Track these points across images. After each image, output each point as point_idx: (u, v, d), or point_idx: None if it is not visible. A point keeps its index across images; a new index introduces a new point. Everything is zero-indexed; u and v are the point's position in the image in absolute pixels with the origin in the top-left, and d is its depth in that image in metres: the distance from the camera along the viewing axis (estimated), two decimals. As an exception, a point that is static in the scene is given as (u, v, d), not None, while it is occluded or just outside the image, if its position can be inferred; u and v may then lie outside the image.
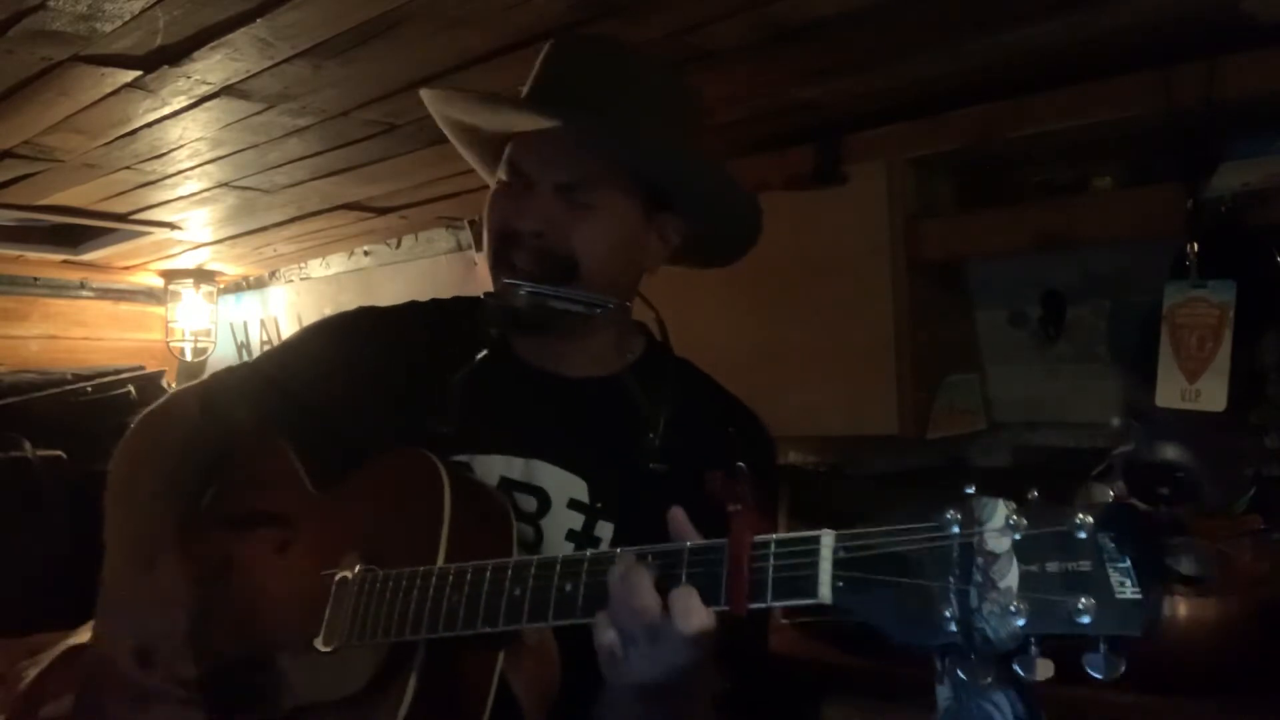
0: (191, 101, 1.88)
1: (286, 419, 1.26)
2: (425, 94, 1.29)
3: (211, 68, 1.71)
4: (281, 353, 1.38)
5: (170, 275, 3.84)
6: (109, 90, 1.80)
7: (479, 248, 3.06)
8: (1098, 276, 2.04)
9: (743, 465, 0.88)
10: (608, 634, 0.88)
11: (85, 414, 3.25)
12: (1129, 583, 0.70)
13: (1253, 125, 1.67)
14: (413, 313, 1.35)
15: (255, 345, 3.91)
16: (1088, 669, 0.70)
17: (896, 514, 0.78)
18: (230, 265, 3.77)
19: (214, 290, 3.93)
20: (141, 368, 3.63)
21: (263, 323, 3.92)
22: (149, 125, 2.02)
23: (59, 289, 3.83)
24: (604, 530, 1.16)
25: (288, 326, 3.76)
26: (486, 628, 0.94)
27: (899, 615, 0.76)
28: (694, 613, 0.85)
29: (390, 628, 1.00)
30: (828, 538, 0.81)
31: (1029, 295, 2.13)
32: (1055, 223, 1.90)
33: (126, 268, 3.76)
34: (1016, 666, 0.72)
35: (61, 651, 2.09)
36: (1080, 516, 0.71)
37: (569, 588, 0.91)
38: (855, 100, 1.95)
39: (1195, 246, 1.68)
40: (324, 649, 1.03)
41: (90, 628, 1.28)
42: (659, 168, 1.19)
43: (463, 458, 1.17)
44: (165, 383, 3.60)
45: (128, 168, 2.33)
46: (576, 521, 1.17)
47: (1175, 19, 1.56)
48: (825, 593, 0.80)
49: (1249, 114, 1.67)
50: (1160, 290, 1.72)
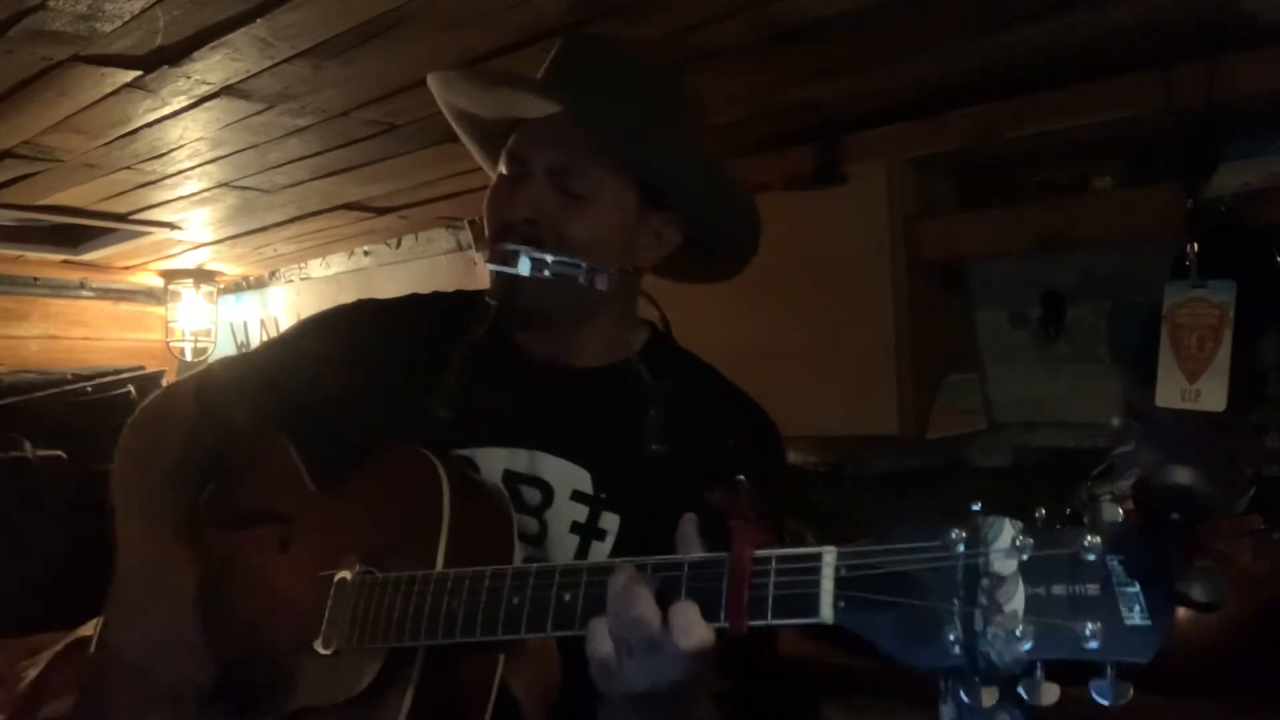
0: (191, 101, 1.88)
1: (285, 415, 1.26)
2: (432, 79, 1.28)
3: (211, 68, 1.71)
4: (280, 348, 1.37)
5: (170, 275, 3.84)
6: (109, 90, 1.80)
7: (479, 248, 3.06)
8: (1098, 276, 2.04)
9: (744, 479, 0.87)
10: (603, 645, 0.87)
11: (85, 414, 3.25)
12: (1138, 608, 0.68)
13: (1253, 125, 1.67)
14: (413, 305, 1.34)
15: (255, 346, 3.90)
16: (1094, 695, 0.68)
17: (900, 529, 0.77)
18: (230, 265, 3.76)
19: (214, 290, 3.93)
20: (141, 368, 3.63)
21: (263, 323, 3.92)
22: (149, 125, 2.02)
23: (59, 289, 3.83)
24: (609, 521, 1.16)
25: (287, 327, 3.75)
26: (485, 636, 0.94)
27: (902, 637, 0.74)
28: (694, 628, 0.83)
29: (389, 632, 0.99)
30: (829, 555, 0.79)
31: (1029, 295, 2.13)
32: (1055, 223, 1.90)
33: (126, 268, 3.76)
34: (1021, 690, 0.70)
35: (61, 650, 2.09)
36: (1089, 539, 0.69)
37: (568, 598, 0.90)
38: (855, 100, 1.95)
39: (1195, 246, 1.68)
40: (324, 651, 1.03)
41: (91, 625, 1.28)
42: (656, 161, 1.19)
43: (466, 451, 1.16)
44: (165, 383, 3.59)
45: (128, 168, 2.33)
46: (580, 513, 1.16)
47: (1175, 19, 1.56)
48: (827, 613, 0.78)
49: (1249, 114, 1.67)
50: (1160, 290, 1.72)
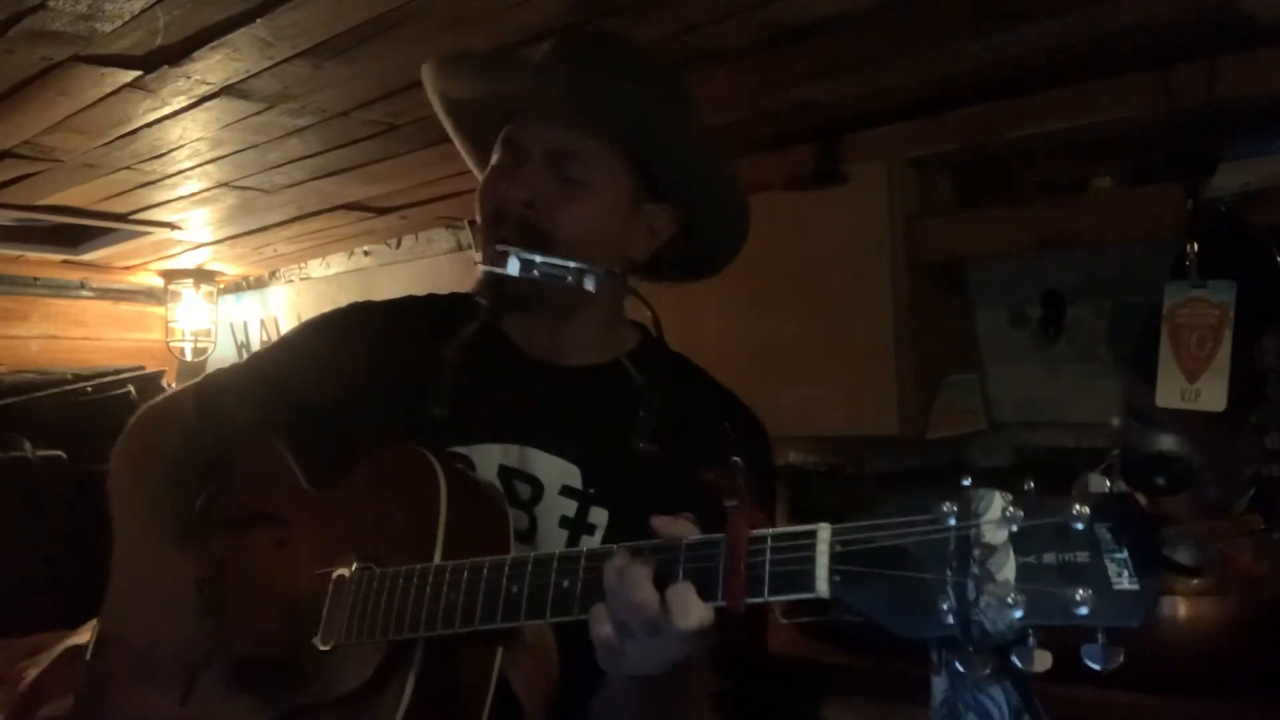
0: (191, 101, 1.88)
1: (283, 417, 1.26)
2: (426, 68, 1.28)
3: (211, 68, 1.71)
4: (277, 350, 1.38)
5: (170, 275, 3.84)
6: (109, 90, 1.80)
7: (479, 248, 3.05)
8: (1098, 276, 2.04)
9: (739, 459, 0.88)
10: (604, 627, 0.88)
11: (85, 414, 3.24)
12: (1127, 573, 0.70)
13: (1253, 125, 1.67)
14: (409, 307, 1.35)
15: (255, 345, 3.90)
16: (1086, 660, 0.70)
17: (893, 506, 0.78)
18: (230, 265, 3.77)
19: (214, 290, 3.93)
20: (141, 368, 3.62)
21: (263, 323, 3.92)
22: (149, 125, 2.02)
23: (59, 289, 3.82)
24: (599, 516, 1.16)
25: (288, 327, 3.73)
26: (484, 625, 0.94)
27: (896, 608, 0.75)
28: (692, 608, 0.84)
29: (388, 626, 1.00)
30: (824, 531, 0.81)
31: (1029, 295, 2.13)
32: (1055, 223, 1.90)
33: (126, 268, 3.76)
34: (1014, 658, 0.72)
35: (61, 651, 2.09)
36: (1077, 507, 0.71)
37: (566, 584, 0.91)
38: (855, 100, 1.95)
39: (1195, 246, 1.68)
40: (322, 648, 1.03)
41: (90, 627, 1.28)
42: (655, 142, 1.19)
43: (461, 449, 1.17)
44: (165, 383, 3.59)
45: (128, 168, 2.33)
46: (569, 508, 1.17)
47: (1175, 19, 1.56)
48: (822, 587, 0.79)
49: (1249, 114, 1.67)
50: (1160, 290, 1.72)
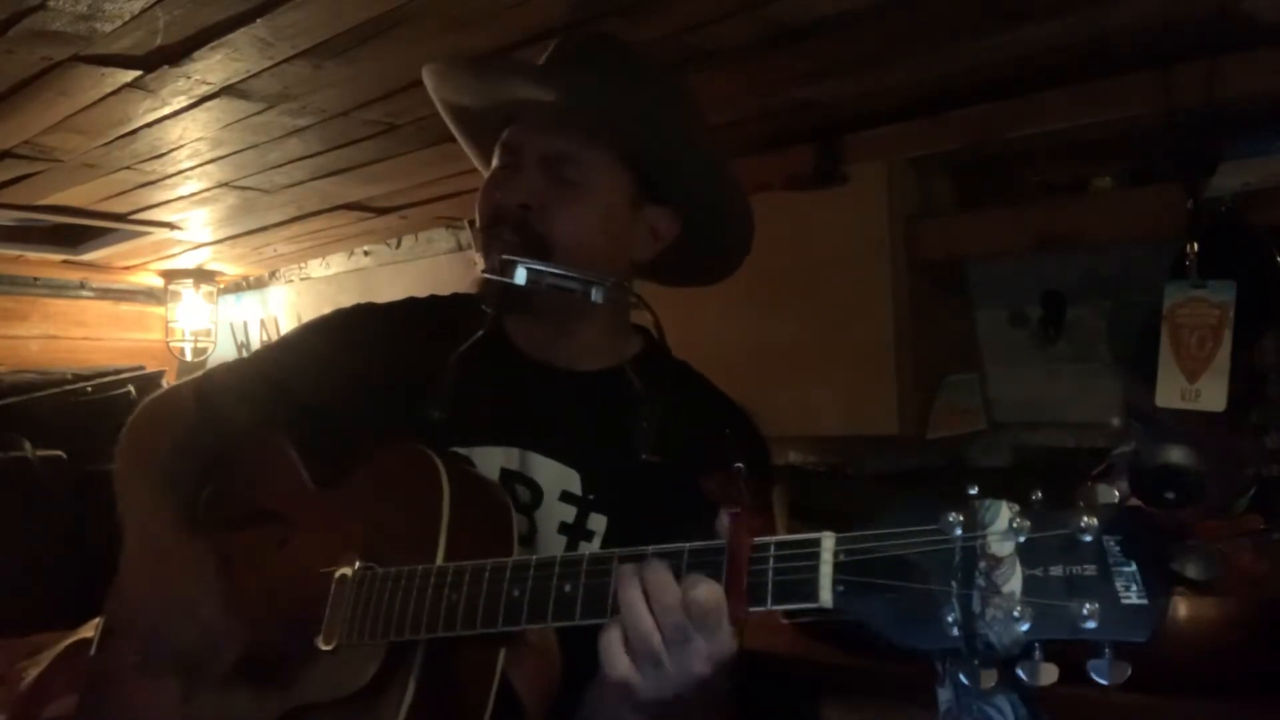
0: (191, 101, 1.87)
1: (285, 416, 1.26)
2: (427, 72, 1.28)
3: (211, 68, 1.71)
4: (280, 350, 1.38)
5: (170, 275, 3.84)
6: (109, 90, 1.80)
7: (479, 249, 3.05)
8: (1098, 276, 2.04)
9: (741, 466, 0.87)
10: (619, 653, 0.86)
11: (85, 414, 3.25)
12: (1135, 587, 0.69)
13: (1253, 125, 1.67)
14: (411, 309, 1.35)
15: (255, 345, 3.90)
16: (1092, 675, 0.69)
17: (897, 514, 0.77)
18: (230, 265, 3.76)
19: (214, 290, 3.93)
20: (141, 368, 3.63)
21: (263, 323, 3.92)
22: (149, 125, 2.01)
23: (59, 289, 3.82)
24: (597, 523, 1.16)
25: (287, 326, 3.75)
26: (485, 628, 0.94)
27: (901, 620, 0.74)
28: (714, 599, 0.83)
29: (390, 626, 1.00)
30: (828, 540, 0.80)
31: (1029, 295, 2.13)
32: (1055, 223, 1.90)
33: (126, 268, 3.76)
34: (1020, 672, 0.71)
35: (62, 651, 2.10)
36: (1085, 520, 0.70)
37: (568, 588, 0.91)
38: (855, 100, 1.95)
39: (1195, 246, 1.68)
40: (324, 647, 1.03)
41: (92, 626, 1.28)
42: (653, 146, 1.19)
43: (462, 450, 1.17)
44: (165, 383, 3.59)
45: (128, 168, 2.33)
46: (568, 514, 1.17)
47: (1175, 19, 1.56)
48: (826, 597, 0.78)
49: (1249, 114, 1.67)
50: (1160, 290, 1.72)
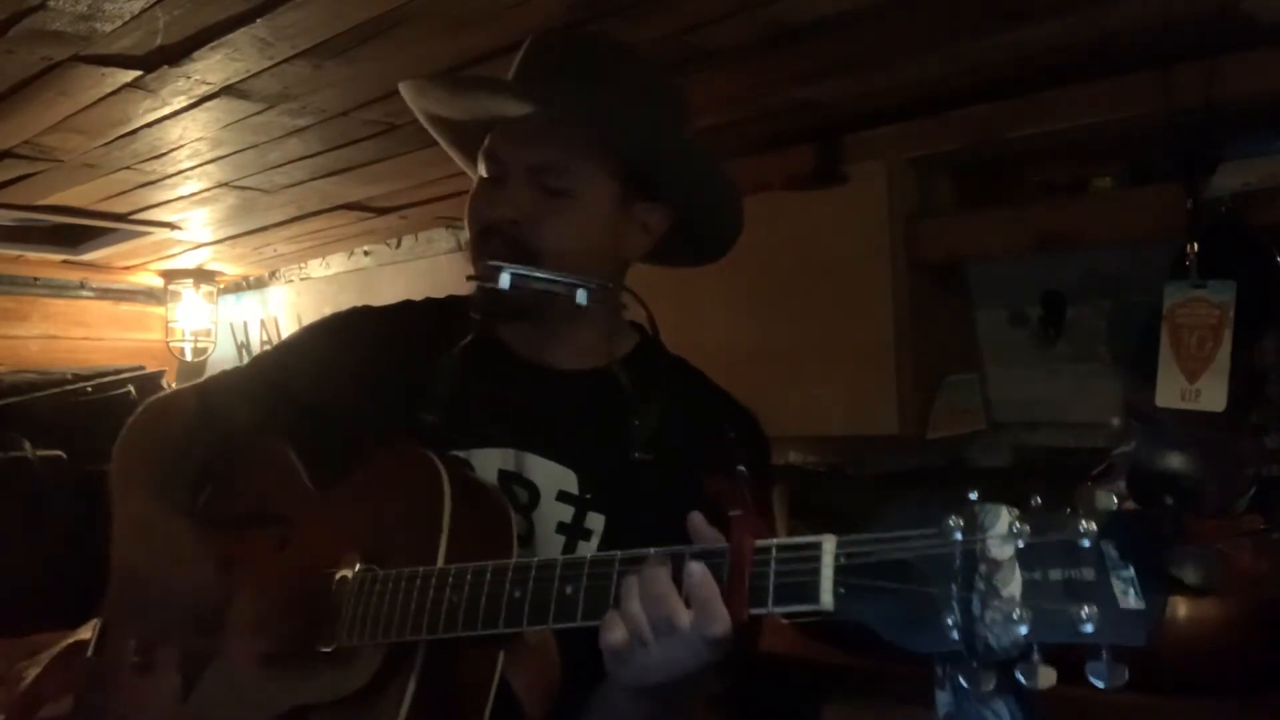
0: (191, 101, 1.88)
1: (285, 418, 1.26)
2: (403, 87, 1.28)
3: (211, 68, 1.71)
4: (279, 353, 1.38)
5: (170, 275, 3.84)
6: (109, 90, 1.80)
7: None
8: (1098, 276, 2.04)
9: (743, 469, 0.87)
10: (616, 633, 0.87)
11: (85, 414, 3.25)
12: (1133, 591, 0.69)
13: (1253, 125, 1.67)
14: (408, 312, 1.35)
15: (255, 345, 3.91)
16: (1090, 678, 0.70)
17: (898, 518, 0.77)
18: (230, 265, 3.77)
19: (214, 290, 3.93)
20: (141, 368, 3.63)
21: (263, 323, 3.92)
22: (149, 125, 2.02)
23: (59, 289, 3.82)
24: (595, 522, 1.16)
25: (288, 326, 3.75)
26: (486, 630, 0.94)
27: (901, 622, 0.75)
28: (715, 605, 0.83)
29: (390, 628, 0.99)
30: (829, 543, 0.80)
31: (1029, 295, 2.13)
32: (1055, 223, 1.90)
33: (126, 268, 3.76)
34: (1018, 674, 0.71)
35: (61, 651, 2.10)
36: (1084, 524, 0.70)
37: (570, 590, 0.91)
38: (855, 100, 1.95)
39: (1195, 246, 1.68)
40: (324, 648, 1.03)
41: (92, 625, 1.28)
42: (636, 147, 1.18)
43: (460, 453, 1.17)
44: (165, 383, 3.60)
45: (128, 168, 2.33)
46: (566, 514, 1.16)
47: (1175, 19, 1.56)
48: (827, 600, 0.78)
49: (1249, 114, 1.67)
50: (1160, 290, 1.72)
